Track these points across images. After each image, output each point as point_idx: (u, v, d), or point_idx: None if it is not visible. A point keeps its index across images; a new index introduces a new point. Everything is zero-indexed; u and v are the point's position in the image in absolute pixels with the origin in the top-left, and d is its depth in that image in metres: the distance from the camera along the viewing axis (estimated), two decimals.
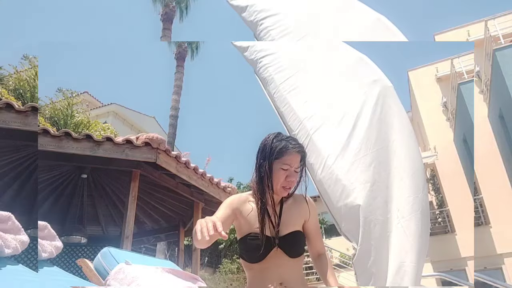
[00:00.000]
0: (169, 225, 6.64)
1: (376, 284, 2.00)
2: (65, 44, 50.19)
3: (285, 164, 1.69)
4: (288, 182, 1.70)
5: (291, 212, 1.77)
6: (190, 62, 15.84)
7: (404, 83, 14.27)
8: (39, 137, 4.03)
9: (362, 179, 2.10)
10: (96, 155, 4.35)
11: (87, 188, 6.00)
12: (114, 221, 6.61)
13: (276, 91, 2.48)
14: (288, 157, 1.70)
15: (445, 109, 12.72)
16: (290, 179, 1.70)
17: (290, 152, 1.70)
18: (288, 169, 1.69)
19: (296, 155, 1.71)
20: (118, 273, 2.21)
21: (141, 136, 4.57)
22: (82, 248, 5.92)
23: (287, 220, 1.74)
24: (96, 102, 18.46)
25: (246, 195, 1.78)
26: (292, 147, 1.71)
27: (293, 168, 1.70)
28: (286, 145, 1.71)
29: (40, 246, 1.72)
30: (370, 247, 2.02)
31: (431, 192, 13.16)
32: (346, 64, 2.44)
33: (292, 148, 1.71)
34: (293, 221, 1.75)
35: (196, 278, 2.57)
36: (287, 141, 1.74)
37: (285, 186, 1.71)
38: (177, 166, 4.86)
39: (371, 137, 2.18)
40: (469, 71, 11.55)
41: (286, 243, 1.68)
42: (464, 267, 11.00)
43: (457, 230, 11.44)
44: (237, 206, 1.73)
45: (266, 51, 2.64)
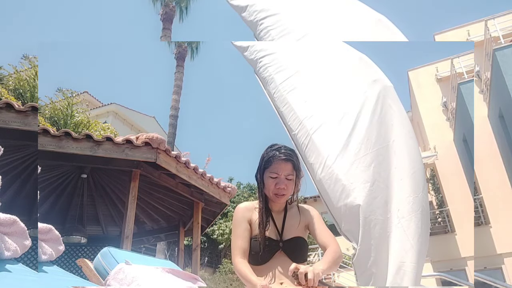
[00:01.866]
0: (169, 225, 6.64)
1: (376, 284, 2.00)
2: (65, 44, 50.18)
3: (273, 173, 1.77)
4: (278, 189, 1.77)
5: (295, 220, 1.84)
6: (190, 62, 15.85)
7: (404, 83, 14.29)
8: (39, 137, 4.03)
9: (362, 179, 2.10)
10: (96, 155, 4.35)
11: (87, 188, 6.01)
12: (114, 221, 6.61)
13: (276, 91, 2.48)
14: (275, 165, 1.77)
15: (445, 109, 12.72)
16: (279, 186, 1.76)
17: (277, 161, 1.77)
18: (276, 177, 1.77)
19: (283, 163, 1.77)
20: (118, 273, 2.21)
21: (141, 136, 4.57)
22: (82, 248, 5.93)
23: (291, 226, 1.81)
24: (96, 102, 18.47)
25: (253, 203, 1.86)
26: (278, 155, 1.78)
27: (283, 175, 1.77)
28: (274, 154, 1.79)
29: (41, 247, 1.71)
30: (370, 247, 2.02)
31: (431, 192, 13.15)
32: (346, 64, 2.44)
33: (278, 157, 1.77)
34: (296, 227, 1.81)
35: (196, 278, 2.56)
36: (277, 150, 1.81)
37: (276, 194, 1.78)
38: (177, 166, 4.86)
39: (371, 137, 2.18)
40: (469, 71, 11.55)
41: (290, 247, 1.74)
42: (464, 267, 11.00)
43: (457, 230, 11.44)
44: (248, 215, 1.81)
45: (266, 51, 2.64)
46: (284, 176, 1.77)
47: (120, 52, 66.13)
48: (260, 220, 1.76)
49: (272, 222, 1.79)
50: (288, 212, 1.86)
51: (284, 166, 1.77)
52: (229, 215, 17.24)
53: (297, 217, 1.86)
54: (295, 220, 1.85)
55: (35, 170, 5.24)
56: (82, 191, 6.02)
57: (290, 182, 1.79)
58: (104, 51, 71.15)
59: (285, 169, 1.77)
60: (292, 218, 1.84)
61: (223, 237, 16.31)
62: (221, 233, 16.37)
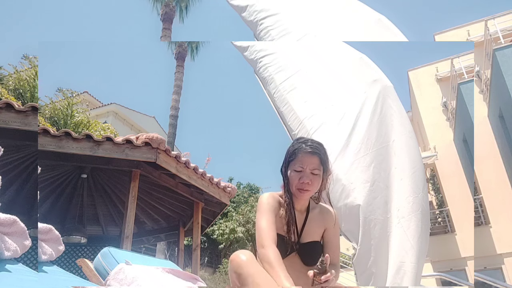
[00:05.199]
0: (169, 225, 6.64)
1: (376, 284, 2.00)
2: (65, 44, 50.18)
3: (298, 166, 1.66)
4: (302, 184, 1.65)
5: (315, 222, 1.75)
6: (190, 62, 15.84)
7: (404, 83, 14.28)
8: (39, 137, 4.03)
9: (362, 179, 2.10)
10: (96, 155, 4.35)
11: (87, 188, 6.01)
12: (114, 221, 6.61)
13: (276, 91, 2.48)
14: (300, 158, 1.66)
15: (445, 109, 12.72)
16: (303, 181, 1.64)
17: (302, 153, 1.66)
18: (301, 170, 1.65)
19: (309, 156, 1.65)
20: (118, 273, 2.21)
21: (141, 136, 4.56)
22: (82, 248, 5.93)
23: (310, 229, 1.73)
24: (96, 102, 18.46)
25: (278, 195, 1.74)
26: (304, 148, 1.67)
27: (308, 169, 1.65)
28: (300, 146, 1.68)
29: (41, 248, 1.71)
30: (370, 247, 2.02)
31: (431, 192, 13.15)
32: (346, 64, 2.44)
33: (304, 149, 1.66)
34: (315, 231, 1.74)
35: (196, 278, 2.56)
36: (303, 142, 1.70)
37: (300, 188, 1.66)
38: (177, 166, 4.86)
39: (371, 137, 2.18)
40: (469, 71, 11.54)
41: (305, 250, 1.68)
42: (464, 267, 10.99)
43: (457, 230, 11.44)
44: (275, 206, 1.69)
45: (266, 51, 2.64)
46: (309, 170, 1.65)
47: (120, 52, 66.19)
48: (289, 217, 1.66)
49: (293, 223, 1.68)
50: (310, 214, 1.75)
51: (310, 159, 1.65)
52: (229, 215, 17.26)
53: (318, 221, 1.76)
54: (316, 223, 1.75)
55: (35, 170, 5.24)
56: (82, 191, 6.02)
57: (315, 177, 1.66)
58: (104, 51, 71.20)
59: (310, 163, 1.65)
60: (313, 221, 1.74)
61: (223, 237, 16.32)
62: (221, 233, 16.38)
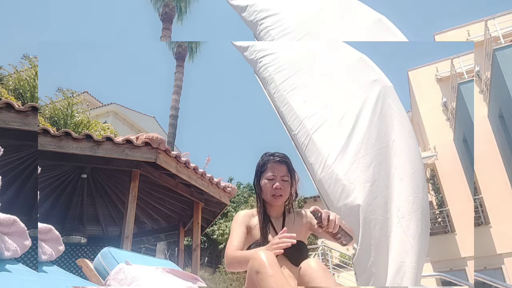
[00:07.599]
0: (169, 225, 6.64)
1: (376, 284, 2.00)
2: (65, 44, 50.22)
3: (270, 174, 1.86)
4: (275, 190, 1.84)
5: (294, 224, 1.89)
6: (190, 62, 15.81)
7: (404, 83, 14.28)
8: (39, 137, 4.03)
9: (362, 179, 2.10)
10: (96, 155, 4.35)
11: (87, 188, 6.01)
12: (114, 221, 6.61)
13: (276, 91, 2.48)
14: (271, 167, 1.87)
15: (445, 109, 12.72)
16: (276, 186, 1.84)
17: (272, 163, 1.87)
18: (273, 178, 1.85)
19: (279, 164, 1.87)
20: (118, 273, 2.21)
21: (141, 136, 4.56)
22: (82, 248, 5.93)
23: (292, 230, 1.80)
24: (96, 102, 18.45)
25: (252, 211, 1.93)
26: (273, 158, 1.88)
27: (279, 176, 1.85)
28: (269, 158, 1.90)
29: (41, 248, 1.71)
30: (370, 247, 2.02)
31: (431, 192, 13.15)
32: (346, 64, 2.44)
33: (272, 159, 1.88)
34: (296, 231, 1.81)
35: (196, 278, 2.56)
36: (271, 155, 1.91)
37: (273, 194, 1.85)
38: (177, 166, 4.86)
39: (371, 137, 2.18)
40: (469, 71, 11.54)
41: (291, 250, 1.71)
42: (464, 267, 10.99)
43: (457, 230, 11.44)
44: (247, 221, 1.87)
45: (266, 51, 2.64)
46: (280, 177, 1.85)
47: (120, 52, 66.14)
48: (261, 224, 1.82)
49: (272, 228, 1.85)
50: (287, 217, 1.92)
51: (280, 167, 1.86)
52: (229, 215, 17.24)
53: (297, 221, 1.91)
54: (296, 223, 1.90)
55: (35, 170, 5.24)
56: (82, 191, 6.02)
57: (285, 183, 1.86)
58: (104, 51, 71.18)
59: (280, 170, 1.86)
60: (291, 222, 1.89)
61: (223, 237, 16.30)
62: (221, 233, 16.37)
